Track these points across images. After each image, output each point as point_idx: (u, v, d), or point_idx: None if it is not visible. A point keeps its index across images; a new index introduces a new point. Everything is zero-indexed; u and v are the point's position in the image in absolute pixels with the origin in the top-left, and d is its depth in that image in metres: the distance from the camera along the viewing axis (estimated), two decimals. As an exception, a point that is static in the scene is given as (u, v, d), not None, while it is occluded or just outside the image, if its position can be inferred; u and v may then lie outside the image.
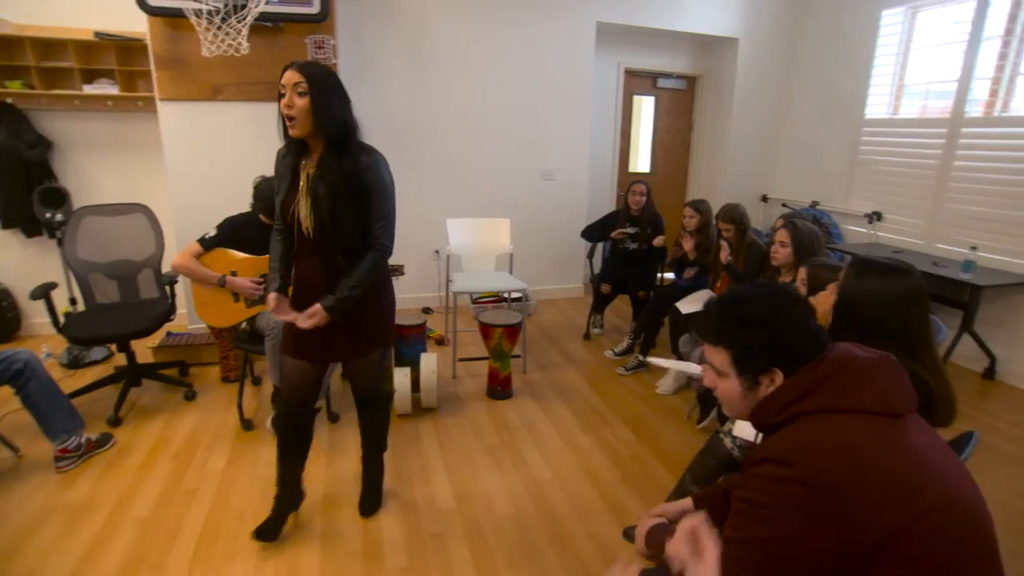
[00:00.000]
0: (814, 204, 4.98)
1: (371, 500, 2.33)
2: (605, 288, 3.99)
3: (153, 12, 3.22)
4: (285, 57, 3.57)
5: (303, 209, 1.83)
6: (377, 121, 4.33)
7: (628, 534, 2.15)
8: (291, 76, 1.70)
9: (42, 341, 3.86)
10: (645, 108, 5.50)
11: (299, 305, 1.92)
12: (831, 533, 0.89)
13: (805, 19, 5.06)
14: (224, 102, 3.55)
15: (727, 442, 1.97)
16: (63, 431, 2.56)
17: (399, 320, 3.18)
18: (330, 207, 1.78)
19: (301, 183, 1.83)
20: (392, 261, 2.86)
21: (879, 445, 0.93)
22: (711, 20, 4.95)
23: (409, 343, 3.17)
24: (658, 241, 3.90)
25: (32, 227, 3.79)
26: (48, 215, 3.54)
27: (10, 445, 2.65)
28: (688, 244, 3.57)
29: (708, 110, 5.55)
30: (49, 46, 3.53)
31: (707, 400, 2.92)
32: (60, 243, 3.56)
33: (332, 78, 1.75)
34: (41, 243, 3.90)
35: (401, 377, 2.98)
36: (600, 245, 4.40)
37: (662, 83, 5.40)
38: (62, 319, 2.95)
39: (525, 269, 4.37)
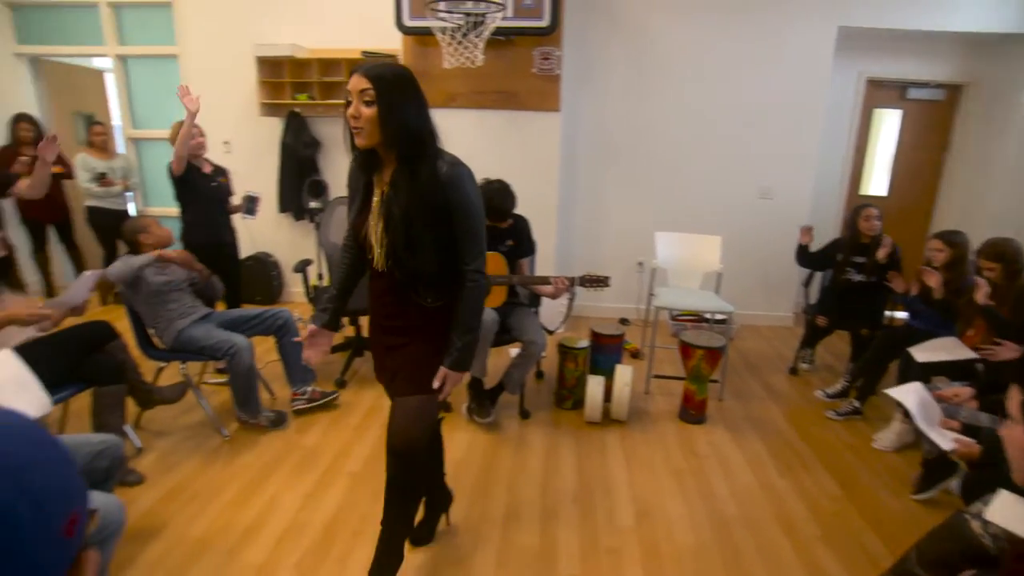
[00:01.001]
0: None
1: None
2: (821, 321, 3.58)
3: (407, 32, 3.69)
4: (513, 68, 3.88)
5: (374, 234, 1.59)
6: (592, 129, 4.44)
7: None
8: (357, 82, 1.46)
9: (296, 307, 4.63)
10: (887, 123, 4.83)
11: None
12: None
13: None
14: (457, 109, 3.92)
15: (975, 526, 1.59)
16: (300, 380, 3.07)
17: (598, 328, 3.22)
18: (405, 232, 1.53)
19: (374, 202, 1.61)
20: (599, 272, 2.94)
21: None
22: (987, 15, 4.13)
23: (606, 352, 3.19)
24: (882, 254, 3.37)
25: (300, 213, 4.58)
26: (311, 203, 4.24)
27: (268, 389, 3.24)
28: (935, 280, 3.04)
29: (974, 125, 4.67)
30: (328, 64, 4.24)
31: (935, 469, 2.47)
32: (317, 227, 4.25)
33: (403, 80, 1.49)
34: (304, 226, 4.69)
35: (595, 386, 3.00)
36: (819, 274, 3.97)
37: (914, 94, 4.68)
38: (312, 291, 3.51)
39: (731, 290, 4.11)
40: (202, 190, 3.35)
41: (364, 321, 3.79)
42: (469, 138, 3.97)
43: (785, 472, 2.70)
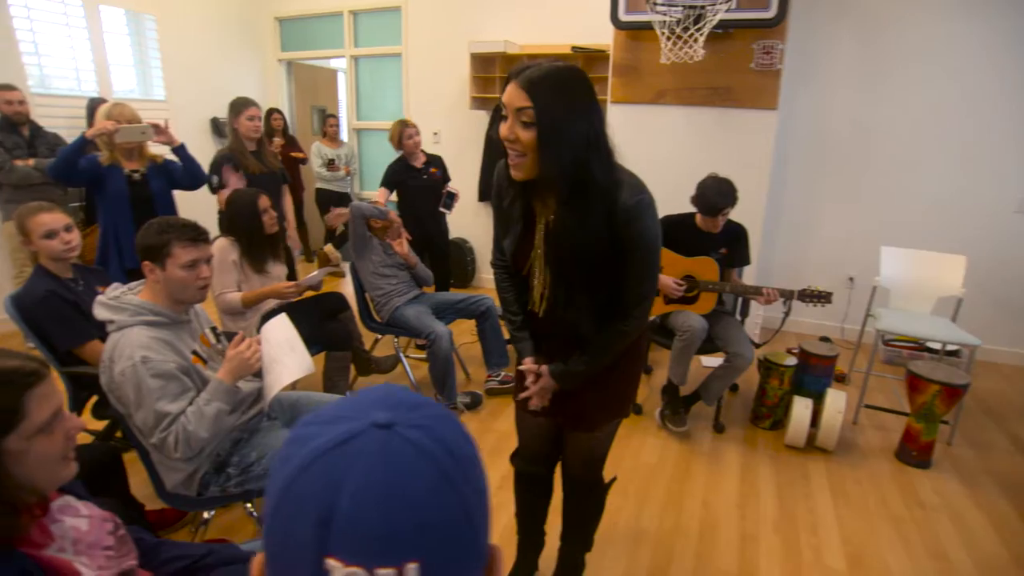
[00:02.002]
0: None
1: None
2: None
3: (622, 26, 3.65)
4: (729, 63, 3.66)
5: (536, 275, 1.37)
6: (808, 128, 4.06)
7: None
8: (515, 96, 1.16)
9: (489, 291, 4.90)
10: None
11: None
12: None
13: None
14: (665, 105, 3.81)
15: None
16: (495, 364, 3.25)
17: (808, 347, 2.97)
18: (568, 278, 1.31)
19: (537, 236, 1.33)
20: (820, 287, 2.70)
21: None
22: None
23: (815, 373, 2.92)
24: None
25: (497, 203, 4.82)
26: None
27: (465, 369, 3.46)
28: None
29: None
30: (538, 59, 4.36)
31: None
32: (514, 219, 4.41)
33: (570, 91, 1.16)
34: (499, 216, 4.93)
35: (802, 408, 2.77)
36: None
37: None
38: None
39: (968, 319, 3.54)
40: (411, 185, 3.65)
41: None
42: (676, 136, 3.83)
43: (1048, 548, 2.26)
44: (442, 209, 3.72)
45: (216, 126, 5.25)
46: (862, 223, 4.08)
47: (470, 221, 5.02)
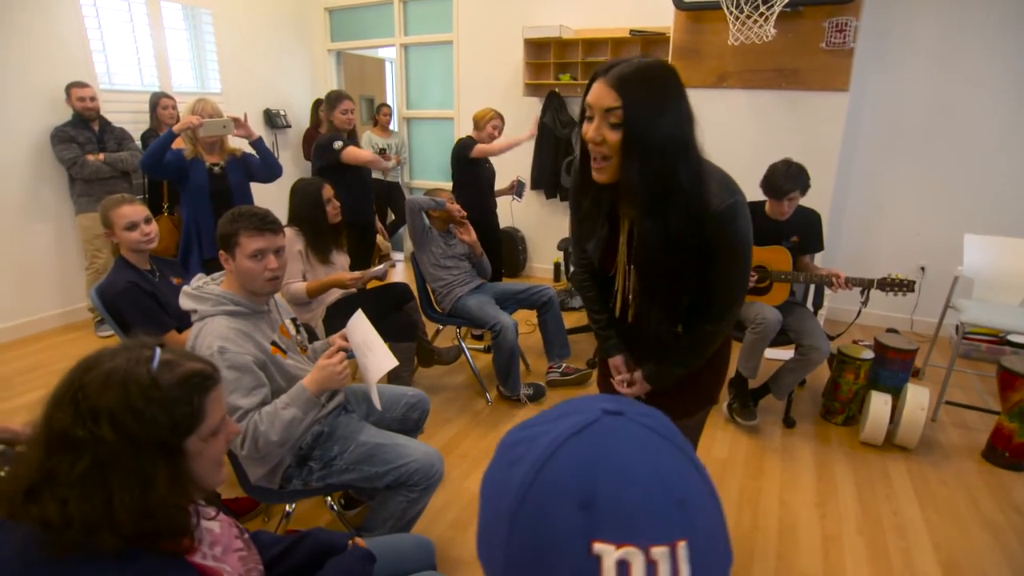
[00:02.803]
0: None
1: None
2: None
3: (685, 7, 3.52)
4: (797, 44, 3.49)
5: (620, 280, 1.34)
6: (880, 111, 3.87)
7: None
8: (602, 94, 1.09)
9: (538, 282, 4.85)
10: None
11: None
12: None
13: None
14: (728, 89, 3.67)
15: None
16: (557, 355, 3.20)
17: (885, 340, 2.83)
18: (653, 283, 1.27)
19: (621, 237, 1.29)
20: (901, 275, 2.56)
21: None
22: None
23: (892, 368, 2.79)
24: None
25: (552, 191, 4.75)
26: (567, 183, 4.36)
27: (525, 361, 3.43)
28: None
29: None
30: (593, 44, 4.28)
31: None
32: (569, 208, 4.34)
33: (665, 89, 1.09)
34: (553, 204, 4.87)
35: (881, 404, 2.64)
36: None
37: None
38: (569, 271, 3.61)
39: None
40: (479, 175, 3.62)
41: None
42: (739, 122, 3.69)
43: None
44: (515, 198, 3.71)
45: (269, 117, 5.32)
46: (935, 210, 3.87)
47: (522, 210, 4.96)
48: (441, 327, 3.42)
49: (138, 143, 3.94)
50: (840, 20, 3.35)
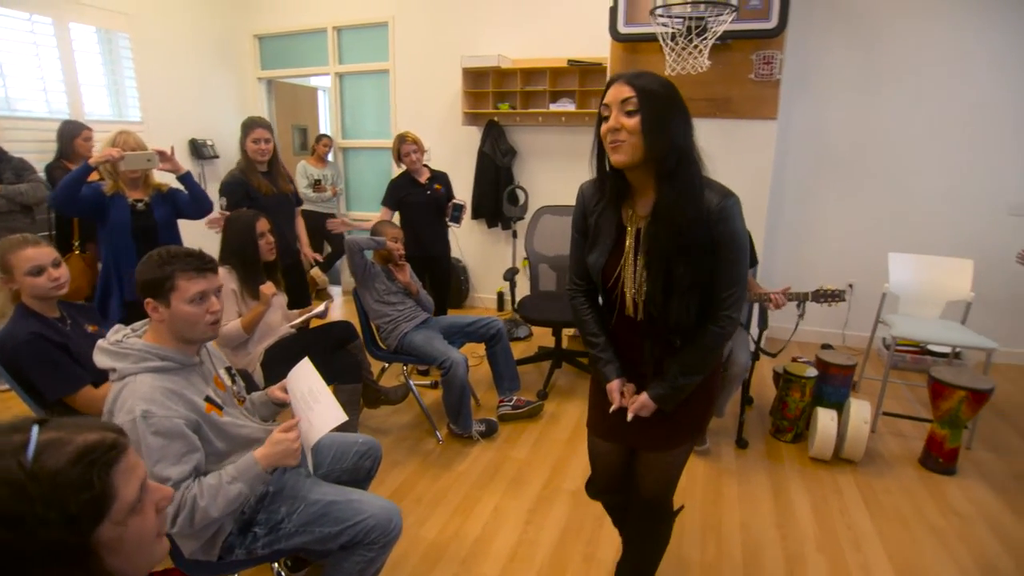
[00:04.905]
0: None
1: None
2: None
3: (622, 39, 3.61)
4: (729, 75, 3.65)
5: (628, 280, 1.41)
6: (805, 138, 4.09)
7: None
8: (618, 91, 1.28)
9: (480, 313, 4.76)
10: None
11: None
12: None
13: None
14: (664, 118, 3.77)
15: None
16: (508, 389, 3.12)
17: (825, 356, 2.93)
18: (666, 276, 1.34)
19: (627, 242, 1.40)
20: (832, 286, 2.67)
21: None
22: None
23: (834, 384, 2.88)
24: None
25: (492, 220, 4.70)
26: (511, 212, 4.33)
27: (474, 395, 3.32)
28: None
29: None
30: (531, 74, 4.32)
31: None
32: (515, 235, 4.31)
33: (670, 90, 1.30)
34: (495, 234, 4.82)
35: (827, 420, 2.72)
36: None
37: None
38: (516, 303, 3.55)
39: (971, 321, 3.57)
40: (412, 202, 3.51)
41: (566, 333, 3.80)
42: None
43: (1093, 554, 2.23)
44: (450, 223, 3.60)
45: (195, 147, 5.04)
46: (861, 230, 4.10)
47: (463, 240, 4.90)
48: (387, 365, 3.28)
49: (42, 174, 3.60)
50: (767, 53, 3.53)
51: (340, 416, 1.47)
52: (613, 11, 3.55)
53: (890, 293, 3.31)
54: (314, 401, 1.53)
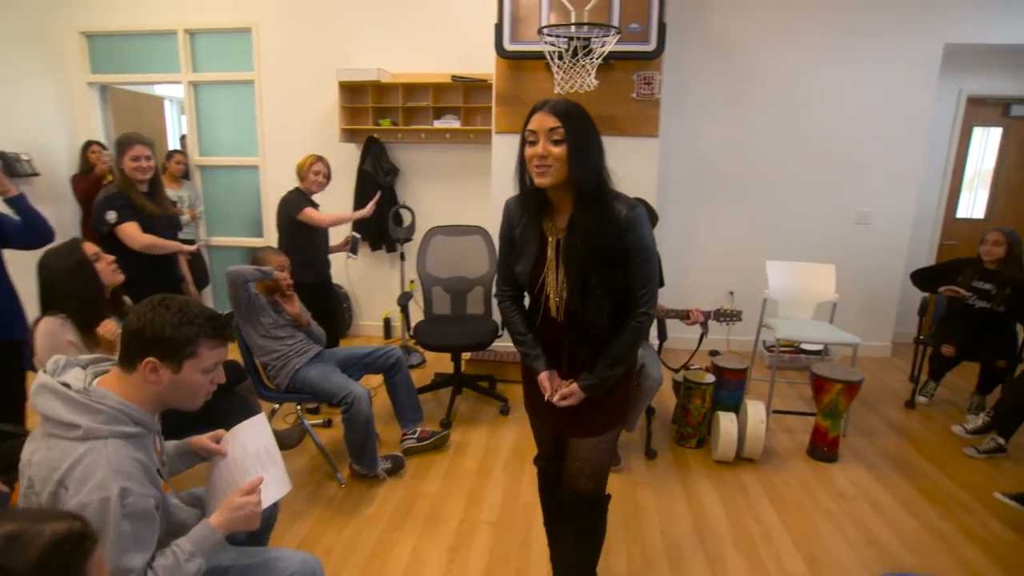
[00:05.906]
0: None
1: None
2: (948, 351, 3.39)
3: (508, 56, 3.59)
4: (612, 92, 3.76)
5: (551, 286, 1.55)
6: (684, 154, 4.35)
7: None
8: (544, 120, 1.40)
9: (366, 341, 4.45)
10: (990, 142, 4.64)
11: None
12: None
13: None
14: (552, 135, 3.80)
15: None
16: (411, 420, 2.92)
17: (721, 363, 3.07)
18: (583, 280, 1.49)
19: (549, 252, 1.54)
20: (730, 307, 2.85)
21: None
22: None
23: (729, 388, 3.03)
24: None
25: (376, 243, 4.44)
26: (399, 233, 4.11)
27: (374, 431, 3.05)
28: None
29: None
30: (413, 89, 4.16)
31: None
32: (402, 257, 4.09)
33: (587, 118, 1.44)
34: (378, 256, 4.55)
35: (728, 423, 2.83)
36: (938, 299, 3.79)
37: (1018, 111, 4.53)
38: (410, 328, 3.35)
39: (836, 320, 3.96)
40: (313, 233, 3.29)
41: (464, 357, 3.64)
42: (563, 164, 3.85)
43: (947, 516, 2.51)
44: (350, 255, 3.41)
45: (6, 163, 4.22)
46: (739, 239, 4.43)
47: (343, 264, 4.53)
48: (276, 406, 2.91)
49: None
50: (647, 74, 3.69)
51: (288, 485, 1.36)
52: (499, 28, 3.53)
53: (770, 298, 3.58)
54: (271, 463, 1.36)
